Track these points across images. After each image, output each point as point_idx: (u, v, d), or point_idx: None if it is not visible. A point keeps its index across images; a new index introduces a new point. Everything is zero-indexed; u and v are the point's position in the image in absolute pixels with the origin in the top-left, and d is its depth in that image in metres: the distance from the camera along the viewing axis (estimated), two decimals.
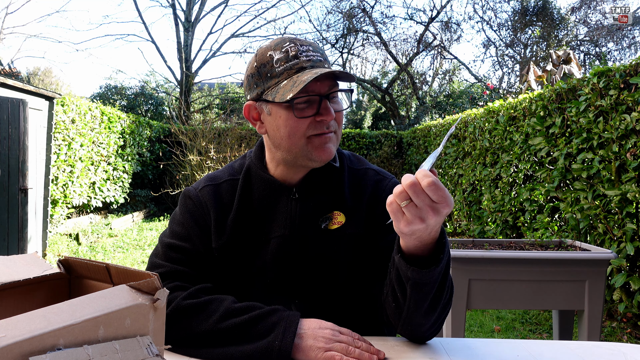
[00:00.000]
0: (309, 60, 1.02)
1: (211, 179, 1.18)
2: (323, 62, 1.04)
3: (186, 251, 1.09)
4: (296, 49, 1.02)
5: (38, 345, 0.52)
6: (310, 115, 1.02)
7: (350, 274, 1.10)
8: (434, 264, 0.88)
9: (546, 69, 7.11)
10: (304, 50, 1.02)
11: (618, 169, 3.35)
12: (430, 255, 0.90)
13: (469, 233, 6.48)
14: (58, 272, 0.80)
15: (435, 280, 0.90)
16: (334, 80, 1.04)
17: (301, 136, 1.03)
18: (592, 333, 2.31)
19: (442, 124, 7.86)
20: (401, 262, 0.90)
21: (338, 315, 1.10)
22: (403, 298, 0.95)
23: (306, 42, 1.06)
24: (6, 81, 4.92)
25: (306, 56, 1.02)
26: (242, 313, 0.96)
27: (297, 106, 1.01)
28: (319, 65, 1.02)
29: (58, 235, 6.93)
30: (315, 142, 1.04)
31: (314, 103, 1.02)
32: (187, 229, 1.11)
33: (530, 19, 16.22)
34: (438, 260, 0.89)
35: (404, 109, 17.38)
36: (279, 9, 47.28)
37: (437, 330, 1.04)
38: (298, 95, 0.99)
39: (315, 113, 1.01)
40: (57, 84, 25.78)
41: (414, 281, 0.90)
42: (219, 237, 1.10)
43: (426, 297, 0.92)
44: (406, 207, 0.80)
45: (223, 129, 9.73)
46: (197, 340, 0.95)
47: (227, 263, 1.10)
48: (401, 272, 0.91)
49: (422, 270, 0.88)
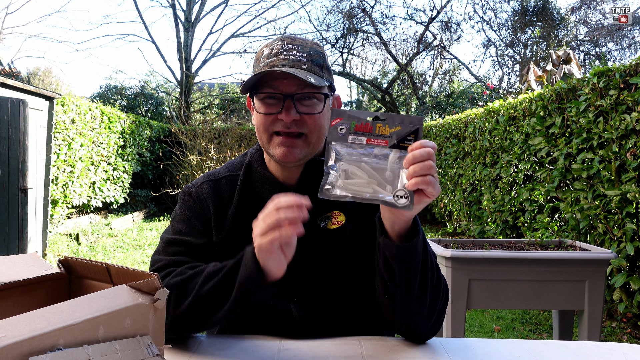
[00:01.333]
0: (285, 59, 1.02)
1: (210, 176, 1.19)
2: (302, 63, 1.03)
3: (187, 244, 1.09)
4: (279, 47, 1.04)
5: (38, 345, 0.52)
6: (273, 113, 1.04)
7: (349, 274, 1.10)
8: (414, 235, 0.93)
9: (546, 69, 7.11)
10: (286, 50, 1.03)
11: (618, 169, 3.35)
12: (409, 229, 0.94)
13: (469, 233, 6.48)
14: (58, 272, 0.80)
15: (419, 253, 0.94)
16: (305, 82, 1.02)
17: (265, 131, 1.06)
18: (592, 333, 2.31)
19: (442, 124, 7.86)
20: (386, 242, 0.93)
21: (337, 315, 1.10)
22: (393, 285, 0.96)
23: (298, 41, 1.06)
24: (6, 81, 4.92)
25: (285, 55, 1.03)
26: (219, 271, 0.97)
27: (264, 101, 1.05)
28: (294, 65, 1.02)
29: (58, 235, 6.93)
30: (276, 140, 1.06)
31: (281, 101, 1.03)
32: (187, 224, 1.12)
33: (530, 19, 16.22)
34: (417, 231, 0.93)
35: (404, 109, 17.38)
36: (279, 9, 47.30)
37: (435, 329, 1.04)
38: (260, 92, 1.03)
39: (278, 111, 1.03)
40: (57, 84, 25.78)
41: (400, 258, 0.92)
42: (219, 231, 1.11)
43: (414, 275, 0.94)
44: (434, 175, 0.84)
45: (223, 129, 9.73)
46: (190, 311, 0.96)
47: (227, 258, 1.10)
48: (387, 254, 0.94)
49: (406, 244, 0.92)
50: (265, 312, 1.10)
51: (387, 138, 0.87)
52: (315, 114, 1.05)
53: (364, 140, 0.87)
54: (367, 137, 0.87)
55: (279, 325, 1.09)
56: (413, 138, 0.86)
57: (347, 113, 0.89)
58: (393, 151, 0.86)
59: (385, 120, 0.87)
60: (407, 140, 0.86)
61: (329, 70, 1.10)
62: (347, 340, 1.05)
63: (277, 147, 1.05)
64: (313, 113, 1.05)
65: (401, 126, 0.86)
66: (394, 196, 0.85)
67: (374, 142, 0.87)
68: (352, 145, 0.88)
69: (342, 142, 0.88)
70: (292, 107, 1.02)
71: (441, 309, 1.03)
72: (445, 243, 2.58)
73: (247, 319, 1.13)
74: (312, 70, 1.03)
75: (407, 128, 0.86)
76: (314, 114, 1.05)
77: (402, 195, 0.85)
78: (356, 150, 0.87)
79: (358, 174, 0.86)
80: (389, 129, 0.87)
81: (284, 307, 1.09)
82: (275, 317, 1.09)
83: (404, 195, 0.85)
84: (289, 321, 1.08)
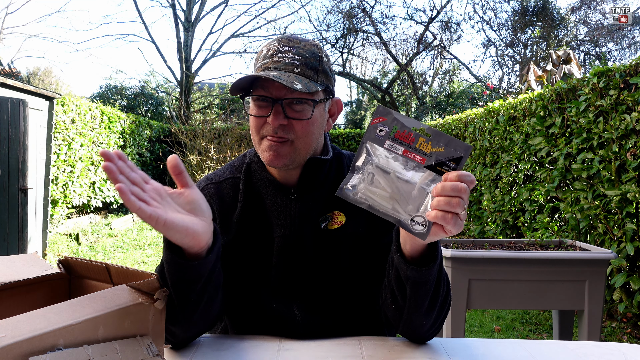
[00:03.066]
0: (278, 61, 1.01)
1: (211, 178, 1.17)
2: (294, 66, 1.01)
3: None
4: (275, 49, 1.03)
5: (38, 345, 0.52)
6: (263, 116, 1.03)
7: (351, 274, 1.10)
8: (432, 261, 0.89)
9: (546, 69, 7.11)
10: (282, 52, 1.02)
11: (618, 169, 3.35)
12: (426, 252, 0.90)
13: (469, 233, 6.48)
14: (58, 272, 0.80)
15: (433, 277, 0.91)
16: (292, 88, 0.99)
17: (256, 133, 1.06)
18: (592, 333, 2.31)
19: (442, 124, 7.86)
20: (401, 262, 0.90)
21: (339, 316, 1.10)
22: (403, 299, 0.95)
23: (295, 43, 1.03)
24: (6, 81, 4.92)
25: (279, 58, 1.01)
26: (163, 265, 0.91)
27: (257, 103, 1.04)
28: (285, 69, 1.00)
29: (58, 235, 6.93)
30: (264, 143, 1.05)
31: (271, 104, 1.02)
32: None
33: (530, 19, 16.22)
34: (435, 257, 0.90)
35: (404, 109, 17.37)
36: (279, 9, 47.31)
37: (437, 330, 1.04)
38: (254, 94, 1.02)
39: (268, 114, 1.02)
40: (57, 84, 25.78)
41: (413, 280, 0.90)
42: (225, 235, 1.10)
43: (426, 295, 0.93)
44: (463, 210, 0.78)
45: (223, 129, 9.73)
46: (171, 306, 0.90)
47: (233, 261, 1.10)
48: (401, 272, 0.91)
49: (421, 268, 0.88)
50: (268, 314, 1.09)
51: (426, 156, 0.79)
52: (304, 119, 1.02)
53: (401, 151, 0.80)
54: (405, 149, 0.80)
55: (281, 327, 1.09)
56: (453, 165, 0.78)
57: (393, 115, 0.81)
58: (427, 172, 0.79)
59: (431, 136, 0.79)
60: (446, 166, 0.79)
61: (326, 73, 1.06)
62: (347, 340, 1.05)
63: (265, 151, 1.04)
64: (302, 119, 1.02)
65: (445, 149, 0.79)
66: (411, 220, 0.79)
67: (410, 155, 0.80)
68: (388, 150, 0.81)
69: (377, 145, 0.81)
70: (281, 112, 1.00)
71: (445, 314, 1.03)
72: (445, 243, 2.57)
73: (249, 321, 1.13)
74: (304, 74, 1.01)
75: (450, 153, 0.79)
76: (302, 120, 1.02)
77: (419, 222, 0.79)
78: (390, 157, 0.81)
79: (383, 184, 0.81)
80: (430, 147, 0.79)
81: (287, 309, 1.08)
82: (278, 318, 1.09)
83: (422, 222, 0.79)
84: (292, 322, 1.08)
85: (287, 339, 1.06)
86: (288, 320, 1.08)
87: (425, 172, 0.79)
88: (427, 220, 0.79)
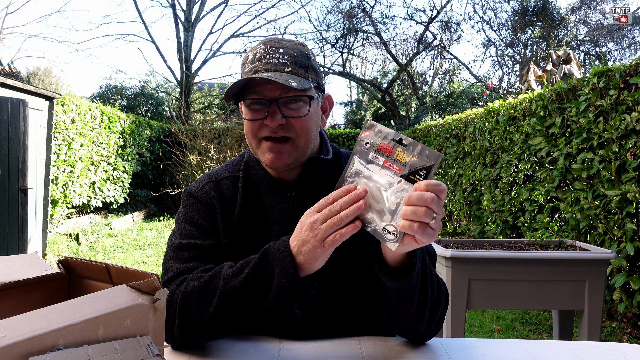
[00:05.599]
0: (268, 63, 1.01)
1: (211, 176, 1.17)
2: (285, 66, 1.01)
3: (197, 247, 1.07)
4: (263, 51, 1.03)
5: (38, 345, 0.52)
6: (259, 119, 1.03)
7: (350, 274, 1.10)
8: (410, 269, 0.90)
9: (546, 69, 7.11)
10: (270, 53, 1.02)
11: (618, 169, 3.35)
12: (407, 261, 0.92)
13: (469, 233, 6.48)
14: (58, 272, 0.80)
15: (414, 286, 0.92)
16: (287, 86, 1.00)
17: (253, 137, 1.06)
18: (592, 333, 2.31)
19: (442, 124, 7.86)
20: (380, 274, 0.92)
21: (340, 316, 1.10)
22: (390, 307, 0.96)
23: (282, 43, 1.04)
24: (6, 81, 4.92)
25: (268, 59, 1.01)
26: (238, 274, 0.93)
27: (251, 107, 1.04)
28: (277, 69, 1.00)
29: (58, 235, 6.93)
30: (264, 145, 1.05)
31: (266, 106, 1.02)
32: (195, 226, 1.10)
33: (530, 19, 16.22)
34: (413, 265, 0.90)
35: (404, 109, 17.37)
36: (279, 9, 47.33)
37: (436, 330, 1.04)
38: (245, 98, 1.02)
39: (264, 117, 1.02)
40: (57, 84, 25.78)
41: (394, 290, 0.92)
42: (226, 234, 1.10)
43: (411, 302, 0.94)
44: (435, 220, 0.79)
45: (223, 129, 9.73)
46: (214, 317, 0.93)
47: (233, 260, 1.10)
48: (382, 283, 0.93)
49: (400, 280, 0.90)
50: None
51: (402, 166, 0.82)
52: (302, 117, 1.03)
53: (382, 162, 0.84)
54: (385, 159, 0.84)
55: (282, 325, 1.09)
56: (424, 174, 0.81)
57: (378, 129, 0.86)
58: (403, 181, 0.82)
59: (407, 146, 0.82)
60: (418, 174, 0.81)
61: (315, 70, 1.07)
62: (347, 340, 1.05)
63: (266, 153, 1.04)
64: (299, 116, 1.03)
65: (418, 157, 0.81)
66: (383, 229, 0.81)
67: (389, 166, 0.83)
68: (371, 162, 0.85)
69: (363, 157, 0.86)
70: (277, 112, 1.01)
71: (441, 314, 1.03)
72: (445, 243, 2.57)
73: None
74: (296, 73, 1.01)
75: (421, 162, 0.81)
76: (299, 117, 1.03)
77: (391, 231, 0.81)
78: (372, 169, 0.84)
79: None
80: (406, 157, 0.82)
81: (288, 309, 1.08)
82: (279, 319, 1.09)
83: (394, 232, 0.80)
84: (292, 323, 1.08)
85: (287, 339, 1.06)
86: (288, 319, 1.08)
87: (402, 181, 0.82)
88: (398, 230, 0.80)
